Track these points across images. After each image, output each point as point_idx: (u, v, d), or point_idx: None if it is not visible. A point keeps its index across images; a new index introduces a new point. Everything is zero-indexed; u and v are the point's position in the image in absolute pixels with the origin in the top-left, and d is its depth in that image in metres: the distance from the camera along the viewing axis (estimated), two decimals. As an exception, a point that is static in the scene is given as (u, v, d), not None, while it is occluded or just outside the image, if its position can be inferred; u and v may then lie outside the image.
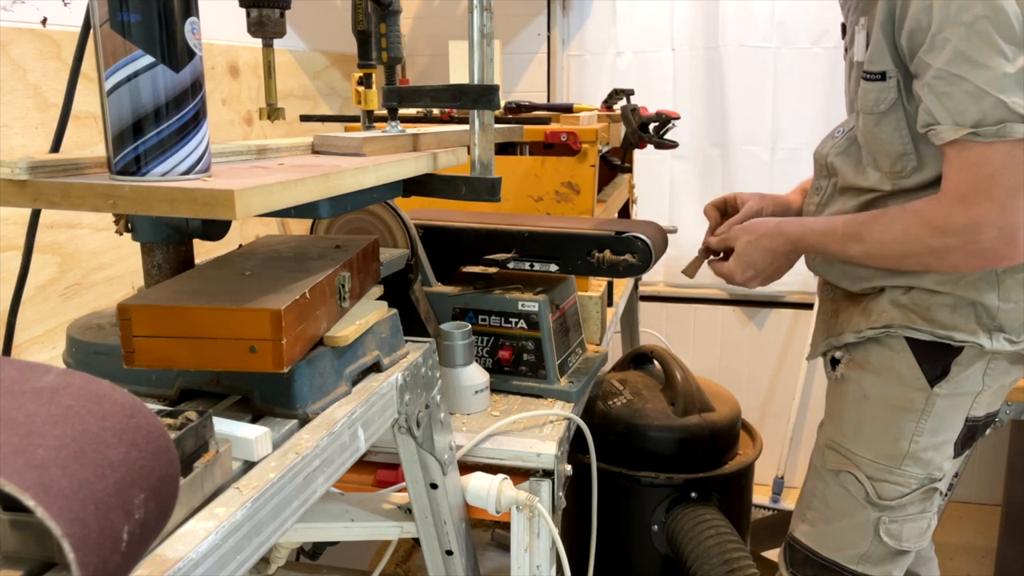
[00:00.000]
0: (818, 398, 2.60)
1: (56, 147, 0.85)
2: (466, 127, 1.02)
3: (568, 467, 1.17)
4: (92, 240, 1.37)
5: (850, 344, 1.25)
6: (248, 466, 0.65)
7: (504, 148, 1.60)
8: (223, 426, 0.65)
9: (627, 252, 1.28)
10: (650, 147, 1.75)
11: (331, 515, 1.07)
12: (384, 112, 1.10)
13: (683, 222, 2.67)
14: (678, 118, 1.73)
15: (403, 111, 1.12)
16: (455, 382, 1.22)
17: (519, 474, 1.14)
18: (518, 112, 1.73)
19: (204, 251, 0.87)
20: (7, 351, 0.99)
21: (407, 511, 1.06)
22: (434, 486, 0.99)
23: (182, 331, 0.67)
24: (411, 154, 1.02)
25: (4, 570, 0.44)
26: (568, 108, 1.74)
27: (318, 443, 0.70)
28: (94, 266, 1.38)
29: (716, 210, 1.48)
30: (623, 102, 1.78)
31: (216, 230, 0.83)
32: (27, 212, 0.88)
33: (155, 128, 0.69)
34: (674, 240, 1.70)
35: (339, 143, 1.00)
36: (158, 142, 0.70)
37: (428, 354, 0.95)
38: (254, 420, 0.72)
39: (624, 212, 2.18)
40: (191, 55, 0.71)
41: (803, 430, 2.75)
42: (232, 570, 0.57)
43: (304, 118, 1.79)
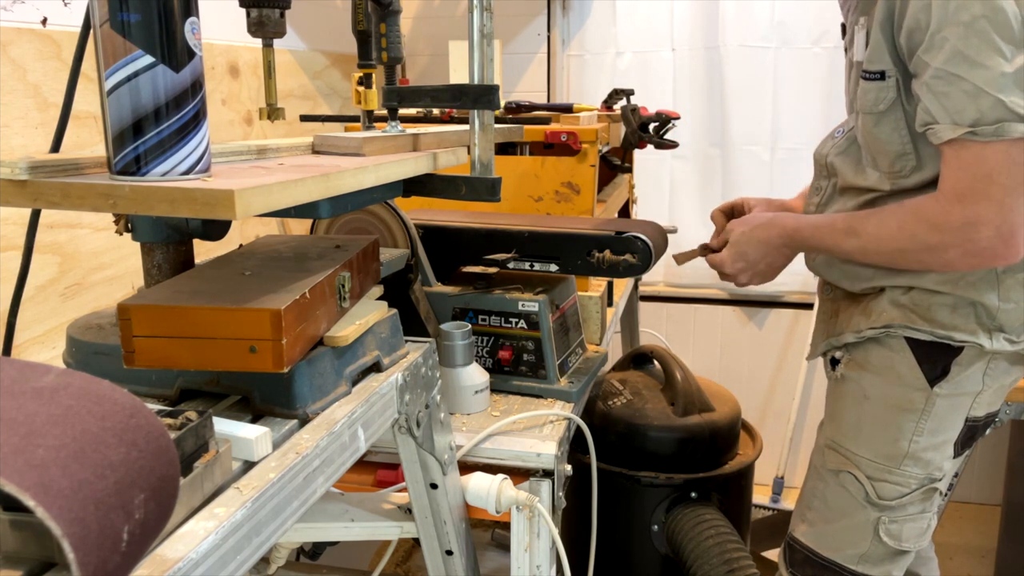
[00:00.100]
0: (818, 398, 2.59)
1: (56, 147, 0.85)
2: (466, 127, 1.02)
3: (568, 467, 1.17)
4: (92, 240, 1.37)
5: (850, 344, 1.25)
6: (248, 466, 0.65)
7: (504, 148, 1.60)
8: (223, 426, 0.65)
9: (627, 252, 1.28)
10: (650, 147, 1.75)
11: (331, 515, 1.07)
12: (384, 112, 1.10)
13: (683, 222, 2.68)
14: (678, 118, 1.73)
15: (403, 111, 1.12)
16: (455, 382, 1.22)
17: (519, 474, 1.14)
18: (518, 112, 1.73)
19: (204, 251, 0.87)
20: (7, 351, 0.99)
21: (407, 511, 1.06)
22: (434, 486, 0.99)
23: (182, 331, 0.67)
24: (411, 154, 1.02)
25: (4, 570, 0.44)
26: (568, 108, 1.74)
27: (318, 443, 0.70)
28: (94, 266, 1.38)
29: (723, 215, 1.47)
30: (623, 102, 1.78)
31: (216, 230, 0.83)
32: (27, 212, 0.88)
33: (155, 128, 0.69)
34: (674, 240, 1.70)
35: (339, 143, 1.00)
36: (158, 142, 0.70)
37: (428, 354, 0.95)
38: (254, 420, 0.72)
39: (624, 212, 2.18)
40: (191, 55, 0.71)
41: (803, 430, 2.75)
42: (232, 570, 0.57)
43: (304, 118, 1.79)
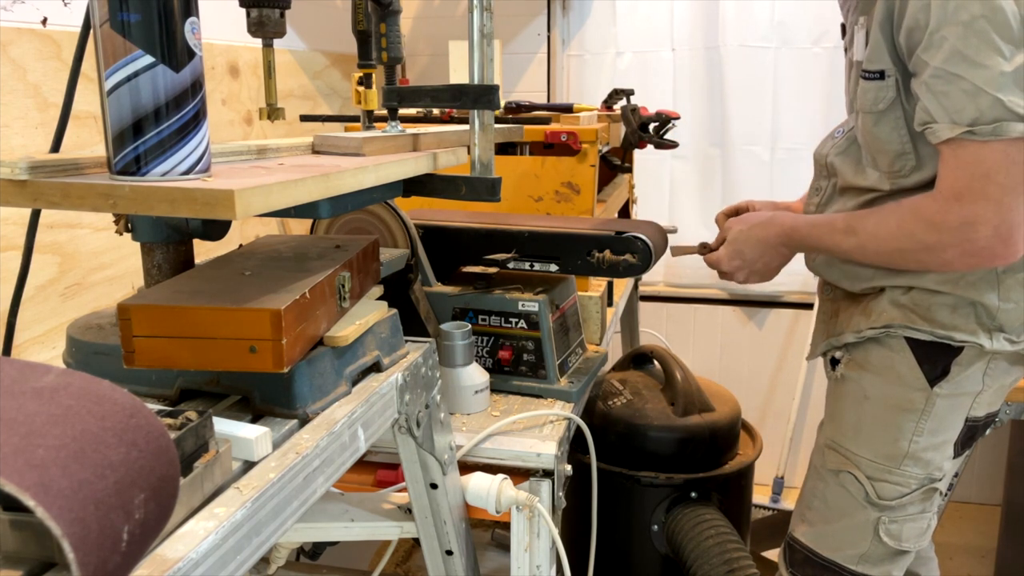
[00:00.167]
0: (818, 398, 2.59)
1: (56, 147, 0.85)
2: (466, 127, 1.02)
3: (568, 467, 1.17)
4: (92, 240, 1.37)
5: (850, 344, 1.25)
6: (248, 466, 0.65)
7: (504, 148, 1.60)
8: (223, 426, 0.65)
9: (627, 252, 1.28)
10: (650, 147, 1.75)
11: (331, 515, 1.07)
12: (384, 112, 1.10)
13: (683, 222, 2.68)
14: (678, 118, 1.73)
15: (403, 111, 1.12)
16: (455, 382, 1.22)
17: (519, 474, 1.14)
18: (518, 112, 1.73)
19: (204, 251, 0.87)
20: (7, 351, 0.99)
21: (407, 511, 1.06)
22: (434, 486, 0.99)
23: (182, 331, 0.67)
24: (411, 154, 1.02)
25: (4, 570, 0.44)
26: (568, 108, 1.74)
27: (318, 443, 0.70)
28: (94, 266, 1.38)
29: (727, 219, 1.46)
30: (623, 102, 1.78)
31: (216, 230, 0.83)
32: (27, 212, 0.88)
33: (155, 128, 0.69)
34: (674, 240, 1.70)
35: (339, 143, 1.00)
36: (158, 142, 0.70)
37: (428, 354, 0.95)
38: (254, 420, 0.72)
39: (624, 212, 2.18)
40: (191, 55, 0.71)
41: (803, 430, 2.75)
42: (232, 570, 0.57)
43: (304, 118, 1.79)
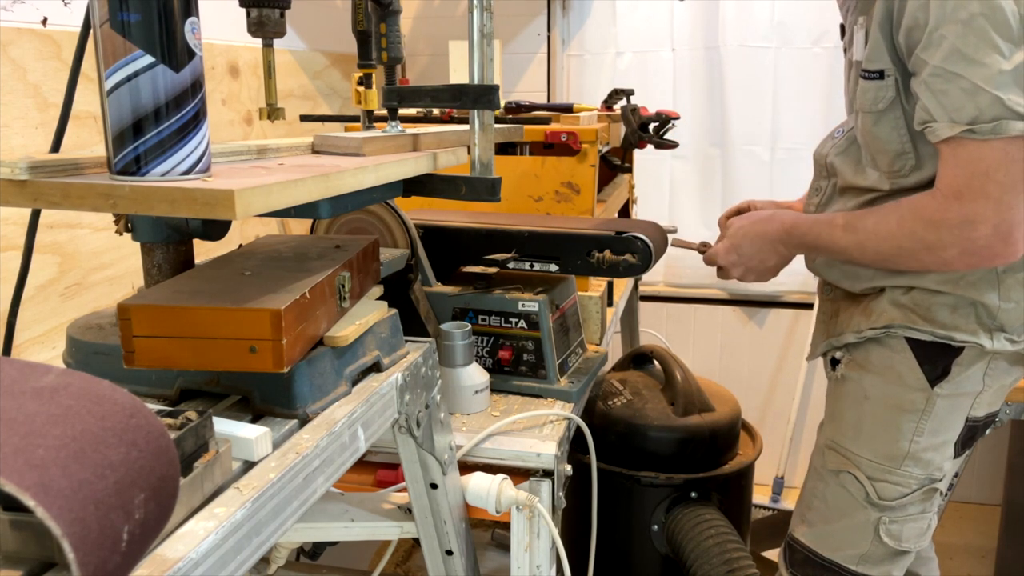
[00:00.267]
0: (818, 398, 2.60)
1: (56, 147, 0.85)
2: (466, 127, 1.02)
3: (568, 467, 1.17)
4: (92, 240, 1.37)
5: (850, 344, 1.25)
6: (248, 466, 0.65)
7: (504, 148, 1.60)
8: (223, 426, 0.65)
9: (627, 252, 1.28)
10: (650, 147, 1.75)
11: (331, 515, 1.07)
12: (384, 112, 1.10)
13: (683, 222, 2.68)
14: (678, 118, 1.73)
15: (403, 111, 1.12)
16: (455, 382, 1.22)
17: (519, 474, 1.14)
18: (518, 112, 1.73)
19: (204, 251, 0.87)
20: (7, 351, 0.99)
21: (407, 511, 1.06)
22: (434, 486, 0.99)
23: (182, 331, 0.67)
24: (411, 154, 1.02)
25: (4, 570, 0.44)
26: (568, 108, 1.74)
27: (318, 443, 0.70)
28: (94, 266, 1.38)
29: (729, 220, 1.47)
30: (623, 102, 1.78)
31: (216, 230, 0.83)
32: (27, 212, 0.88)
33: (155, 128, 0.69)
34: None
35: (339, 143, 1.00)
36: (158, 142, 0.70)
37: (428, 354, 0.95)
38: (254, 420, 0.72)
39: (624, 212, 2.18)
40: (191, 55, 0.71)
41: (803, 430, 2.75)
42: (232, 570, 0.57)
43: (304, 118, 1.79)
